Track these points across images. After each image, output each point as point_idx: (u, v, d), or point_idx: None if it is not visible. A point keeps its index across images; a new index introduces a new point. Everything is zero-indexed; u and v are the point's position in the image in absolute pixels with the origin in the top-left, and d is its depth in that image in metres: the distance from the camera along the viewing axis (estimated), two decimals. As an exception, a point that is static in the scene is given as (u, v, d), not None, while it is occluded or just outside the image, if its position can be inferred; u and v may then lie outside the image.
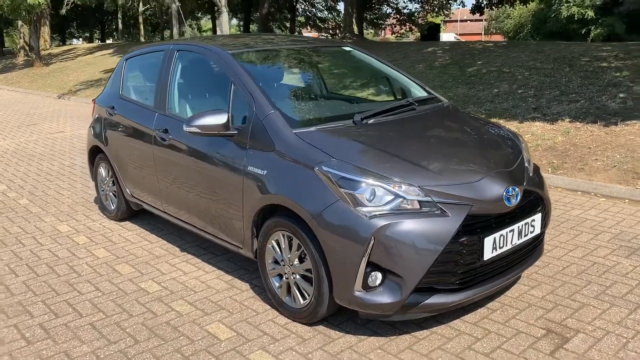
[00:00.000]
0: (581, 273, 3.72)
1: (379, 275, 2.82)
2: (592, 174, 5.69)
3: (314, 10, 29.98)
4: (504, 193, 2.99)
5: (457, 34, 59.41)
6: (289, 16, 28.84)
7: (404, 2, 45.76)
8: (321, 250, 2.92)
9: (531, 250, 3.31)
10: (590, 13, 37.89)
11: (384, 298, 2.80)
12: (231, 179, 3.44)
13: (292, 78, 4.14)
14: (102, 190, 5.23)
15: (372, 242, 2.73)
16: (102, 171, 5.14)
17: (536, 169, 3.49)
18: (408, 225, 2.75)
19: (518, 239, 3.08)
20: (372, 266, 2.80)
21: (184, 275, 3.93)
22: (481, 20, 55.07)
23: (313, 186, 2.95)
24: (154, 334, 3.17)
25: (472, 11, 21.75)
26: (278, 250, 3.26)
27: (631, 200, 5.14)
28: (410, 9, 26.44)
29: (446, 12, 27.48)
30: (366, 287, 2.82)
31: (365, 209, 2.79)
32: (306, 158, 3.05)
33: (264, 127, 3.28)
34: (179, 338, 3.12)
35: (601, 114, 7.16)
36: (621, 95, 7.67)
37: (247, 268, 3.99)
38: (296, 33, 29.66)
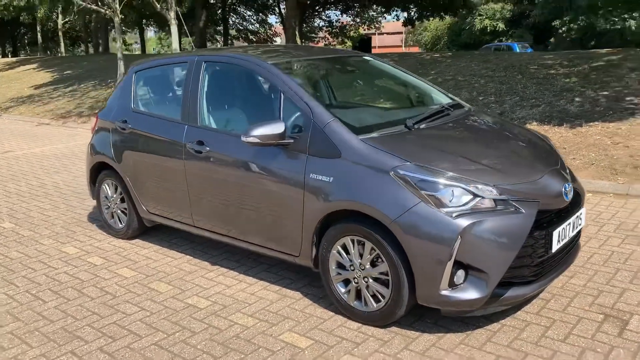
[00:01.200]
0: (606, 261, 4.01)
1: (463, 273, 2.93)
2: (574, 172, 6.11)
3: (245, 23, 29.92)
4: (563, 189, 3.20)
5: (373, 46, 60.84)
6: (221, 29, 28.64)
7: (335, 15, 46.97)
8: (400, 252, 3.00)
9: (576, 242, 3.56)
10: (501, 25, 40.41)
11: (470, 294, 2.91)
12: (287, 188, 3.44)
13: (329, 87, 4.20)
14: (107, 208, 5.02)
15: (458, 241, 2.84)
16: (108, 189, 4.94)
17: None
18: (490, 223, 2.89)
19: (572, 231, 3.31)
20: (457, 264, 2.91)
21: (228, 289, 3.87)
22: (400, 33, 57.07)
23: (390, 190, 3.03)
24: (230, 349, 3.11)
25: (405, 24, 22.60)
26: (345, 255, 3.29)
27: (615, 194, 5.58)
28: (343, 22, 27.00)
29: (377, 25, 28.33)
30: (452, 285, 2.92)
31: (448, 209, 2.91)
32: (378, 163, 3.13)
33: (325, 135, 3.32)
34: (258, 350, 3.09)
35: (564, 117, 7.71)
36: (577, 99, 8.29)
37: (290, 277, 3.98)
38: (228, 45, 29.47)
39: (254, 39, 30.34)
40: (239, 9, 28.29)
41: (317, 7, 23.00)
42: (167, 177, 4.26)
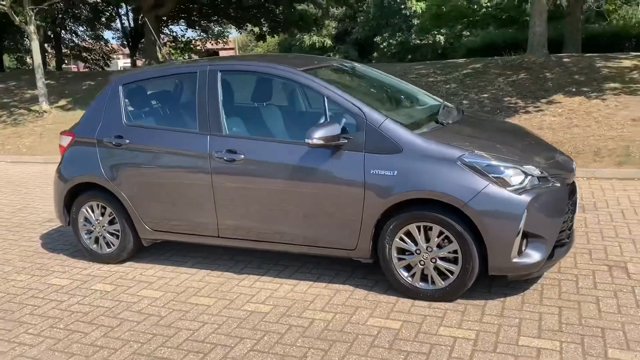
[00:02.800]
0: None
1: (525, 241, 3.45)
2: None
3: (75, 40, 27.86)
4: (573, 166, 3.91)
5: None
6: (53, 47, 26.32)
7: (181, 29, 46.07)
8: (471, 230, 3.42)
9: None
10: (329, 41, 43.09)
11: (534, 258, 3.43)
12: (345, 185, 3.65)
13: (354, 90, 4.41)
14: (89, 233, 4.66)
15: (525, 214, 3.35)
16: (91, 212, 4.60)
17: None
18: (543, 196, 3.46)
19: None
20: (522, 234, 3.41)
21: (276, 292, 3.92)
22: (232, 49, 57.49)
23: (458, 176, 3.43)
24: (332, 341, 3.25)
25: (257, 39, 23.15)
26: (409, 242, 3.61)
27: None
28: (189, 37, 26.65)
29: (224, 40, 28.46)
30: (520, 253, 3.42)
31: (512, 188, 3.41)
32: (443, 154, 3.52)
33: (382, 133, 3.61)
34: (358, 337, 3.27)
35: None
36: (465, 101, 9.48)
37: (327, 274, 4.14)
38: (63, 66, 27.27)
39: (89, 56, 28.44)
40: (69, 24, 26.31)
41: (164, 22, 22.43)
42: (185, 190, 4.16)
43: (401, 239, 3.63)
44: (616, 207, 5.36)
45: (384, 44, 40.23)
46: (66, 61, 30.38)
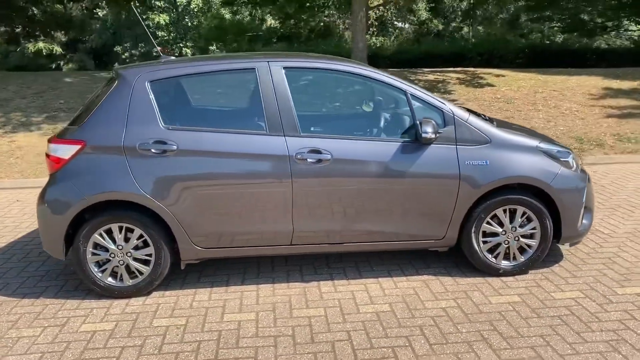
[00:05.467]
0: None
1: (583, 212, 4.18)
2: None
3: None
4: None
5: None
6: None
7: None
8: (547, 208, 4.01)
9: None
10: (58, 49, 39.27)
11: (586, 225, 4.20)
12: (440, 177, 3.85)
13: None
14: (100, 265, 3.80)
15: (585, 190, 4.10)
16: (107, 238, 3.75)
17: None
18: (585, 174, 4.26)
19: None
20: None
21: (363, 292, 3.87)
22: None
23: (540, 162, 3.97)
24: (478, 321, 3.46)
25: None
26: (495, 224, 4.02)
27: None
28: None
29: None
30: (581, 222, 4.15)
31: (574, 169, 4.11)
32: (524, 143, 4.02)
33: (471, 126, 3.93)
34: (490, 314, 3.54)
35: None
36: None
37: (392, 269, 4.24)
38: None
39: None
40: None
41: None
42: (256, 197, 3.76)
43: (488, 223, 3.99)
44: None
45: (126, 54, 38.63)
46: None
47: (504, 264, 4.07)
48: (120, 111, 3.72)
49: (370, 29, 27.48)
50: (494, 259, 4.05)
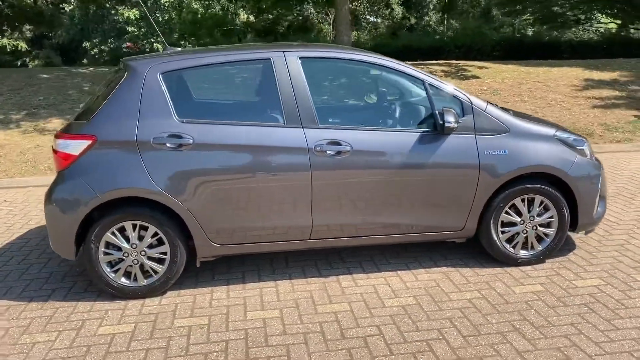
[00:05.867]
0: None
1: (598, 199, 4.19)
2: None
3: None
4: None
5: None
6: None
7: None
8: (565, 196, 4.01)
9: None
10: (23, 45, 38.24)
11: (601, 212, 4.20)
12: (460, 167, 3.80)
13: None
14: (113, 265, 3.66)
15: (600, 177, 4.11)
16: (120, 237, 3.61)
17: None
18: (600, 163, 4.28)
19: None
20: (597, 194, 4.15)
21: (384, 287, 3.82)
22: None
23: (557, 151, 3.96)
24: (510, 311, 3.43)
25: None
26: (513, 214, 4.00)
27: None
28: None
29: None
30: (596, 209, 4.16)
31: (588, 157, 4.12)
32: (542, 132, 4.00)
33: (490, 116, 3.90)
34: (532, 303, 3.53)
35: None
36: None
37: (409, 263, 4.19)
38: None
39: None
40: None
41: None
42: (274, 191, 3.66)
43: (506, 213, 3.97)
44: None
45: (95, 50, 37.96)
46: None
47: (523, 253, 4.05)
48: (132, 104, 3.57)
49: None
50: (512, 248, 4.03)
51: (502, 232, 4.00)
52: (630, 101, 10.20)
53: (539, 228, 4.03)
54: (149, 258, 3.67)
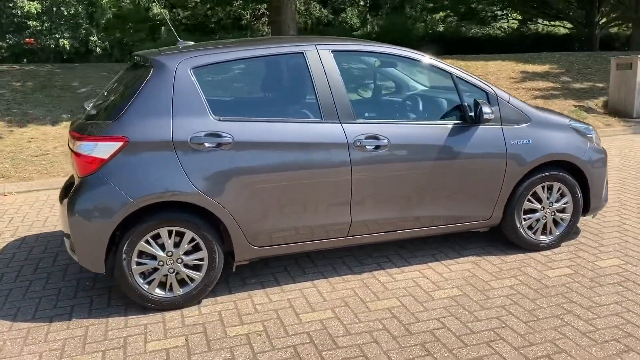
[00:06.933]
0: None
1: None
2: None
3: None
4: None
5: None
6: None
7: None
8: (578, 183, 4.21)
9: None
10: None
11: (606, 195, 4.45)
12: (490, 158, 3.88)
13: None
14: (150, 273, 3.42)
15: (606, 164, 4.37)
16: (154, 244, 3.37)
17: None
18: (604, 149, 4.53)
19: None
20: (603, 180, 4.40)
21: (424, 279, 3.86)
22: None
23: (573, 139, 4.15)
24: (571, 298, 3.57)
25: None
26: (534, 201, 4.15)
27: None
28: None
29: None
30: (604, 193, 4.40)
31: (596, 144, 4.35)
32: (559, 121, 4.18)
33: (514, 107, 4.00)
34: (574, 286, 3.68)
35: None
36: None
37: (434, 255, 4.24)
38: None
39: None
40: None
41: None
42: (315, 189, 3.55)
43: (529, 200, 4.11)
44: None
45: (-10, 46, 35.17)
46: None
47: (543, 238, 4.21)
48: (164, 102, 3.33)
49: (262, 18, 27.12)
50: (533, 235, 4.17)
51: (525, 219, 4.12)
52: (566, 92, 10.89)
53: (557, 214, 4.20)
54: (185, 265, 3.45)
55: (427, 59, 3.90)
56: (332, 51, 3.67)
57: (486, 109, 3.70)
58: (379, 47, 3.86)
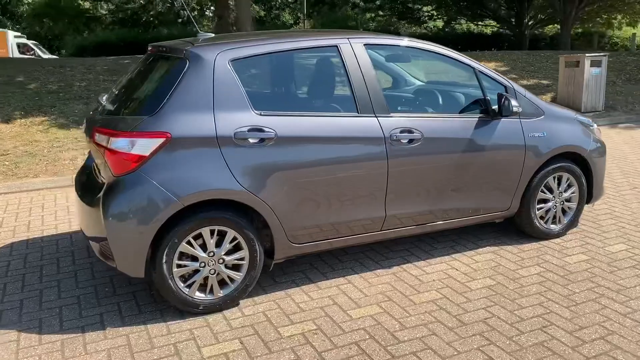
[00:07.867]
0: None
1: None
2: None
3: None
4: None
5: None
6: None
7: None
8: (583, 174, 4.43)
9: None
10: None
11: (604, 186, 4.72)
12: (512, 150, 3.99)
13: None
14: (191, 275, 3.28)
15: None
16: (196, 245, 3.23)
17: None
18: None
19: None
20: (601, 170, 4.65)
21: (455, 271, 3.93)
22: None
23: (579, 131, 4.35)
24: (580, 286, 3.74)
25: None
26: (547, 192, 4.32)
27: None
28: None
29: None
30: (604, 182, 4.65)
31: (597, 136, 4.59)
32: (566, 115, 4.36)
33: (530, 100, 4.15)
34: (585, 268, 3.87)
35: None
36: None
37: (452, 247, 4.32)
38: None
39: None
40: None
41: None
42: (353, 184, 3.52)
43: (542, 191, 4.28)
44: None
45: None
46: None
47: (553, 227, 4.39)
48: (204, 96, 3.18)
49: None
50: (545, 224, 4.34)
51: (539, 209, 4.28)
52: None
53: (566, 203, 4.39)
54: (226, 266, 3.32)
55: (451, 53, 3.96)
56: (364, 45, 3.64)
57: (514, 102, 3.81)
58: (407, 42, 3.87)
